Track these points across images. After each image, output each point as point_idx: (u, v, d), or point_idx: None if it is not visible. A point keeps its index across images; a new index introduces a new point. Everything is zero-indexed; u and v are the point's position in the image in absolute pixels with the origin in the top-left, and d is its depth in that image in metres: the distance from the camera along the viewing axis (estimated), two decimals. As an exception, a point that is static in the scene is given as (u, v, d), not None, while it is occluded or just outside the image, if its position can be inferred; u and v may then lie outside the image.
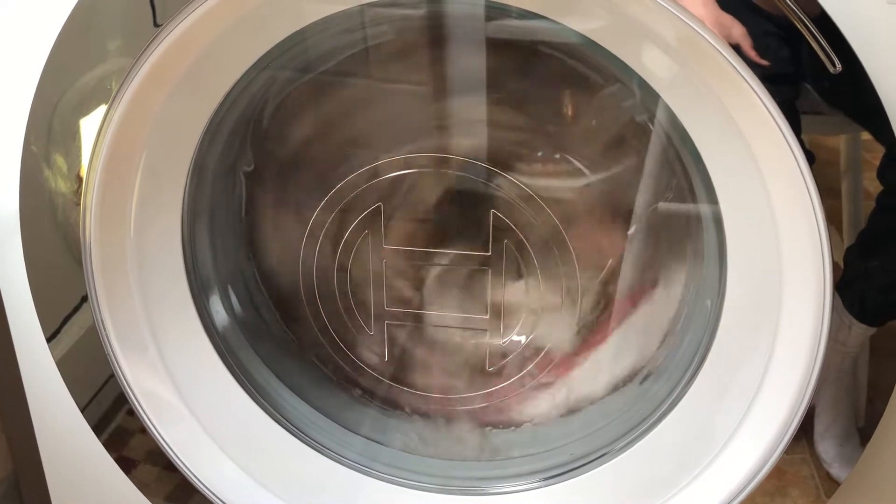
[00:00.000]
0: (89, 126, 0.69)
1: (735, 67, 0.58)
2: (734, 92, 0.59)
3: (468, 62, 0.75)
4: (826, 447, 0.68)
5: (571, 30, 0.64)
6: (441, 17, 0.73)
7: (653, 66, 0.64)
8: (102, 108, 0.67)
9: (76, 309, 0.74)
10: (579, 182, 0.79)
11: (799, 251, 0.62)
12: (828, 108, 0.64)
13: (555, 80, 0.76)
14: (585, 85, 0.75)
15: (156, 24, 0.65)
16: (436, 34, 0.74)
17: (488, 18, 0.70)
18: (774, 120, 0.59)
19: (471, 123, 0.79)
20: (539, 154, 0.79)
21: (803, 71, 0.61)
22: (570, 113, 0.80)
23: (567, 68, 0.74)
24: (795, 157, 0.60)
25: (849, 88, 0.61)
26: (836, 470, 0.69)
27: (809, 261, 0.62)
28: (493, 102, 0.78)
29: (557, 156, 0.79)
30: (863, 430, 0.68)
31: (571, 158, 0.79)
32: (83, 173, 0.70)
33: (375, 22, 0.73)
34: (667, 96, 0.65)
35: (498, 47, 0.73)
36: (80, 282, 0.72)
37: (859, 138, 0.67)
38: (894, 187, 0.62)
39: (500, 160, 0.78)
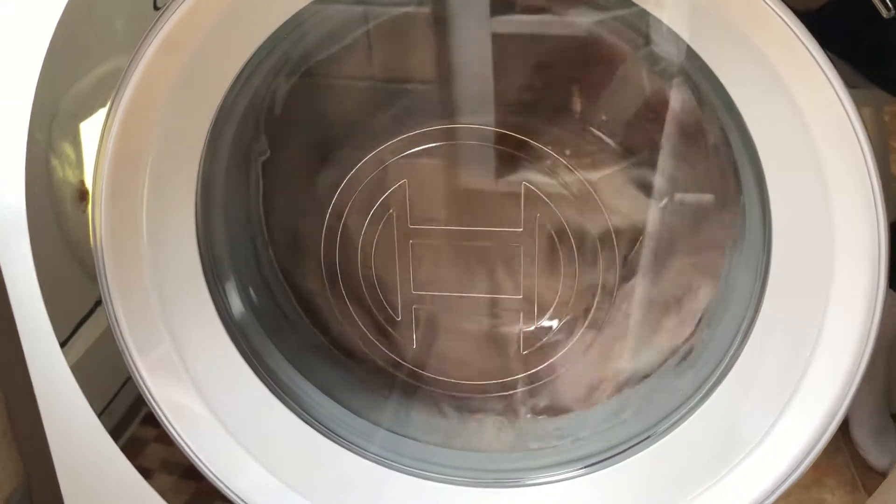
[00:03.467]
0: (93, 124, 0.67)
1: (772, 8, 0.55)
2: (774, 35, 0.56)
3: (477, 30, 0.73)
4: (861, 434, 0.67)
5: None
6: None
7: (677, 12, 0.60)
8: (106, 104, 0.66)
9: (90, 313, 0.73)
10: (613, 154, 0.77)
11: (851, 213, 0.59)
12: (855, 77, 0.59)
13: (579, 46, 0.74)
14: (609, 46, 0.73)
15: (156, 7, 0.63)
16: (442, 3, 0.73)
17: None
18: (821, 68, 0.55)
19: (490, 96, 0.77)
20: (569, 128, 0.77)
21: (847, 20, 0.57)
22: (597, 81, 0.77)
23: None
24: (846, 108, 0.56)
25: None
26: (872, 458, 0.68)
27: (863, 235, 0.58)
28: (512, 74, 0.76)
29: (587, 127, 0.77)
30: None
31: (601, 131, 0.77)
32: (85, 177, 0.69)
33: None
34: (698, 48, 0.62)
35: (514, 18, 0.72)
36: (94, 284, 0.70)
37: (882, 113, 0.62)
38: None
39: (529, 131, 0.76)
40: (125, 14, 0.65)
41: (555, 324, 0.83)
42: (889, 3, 0.54)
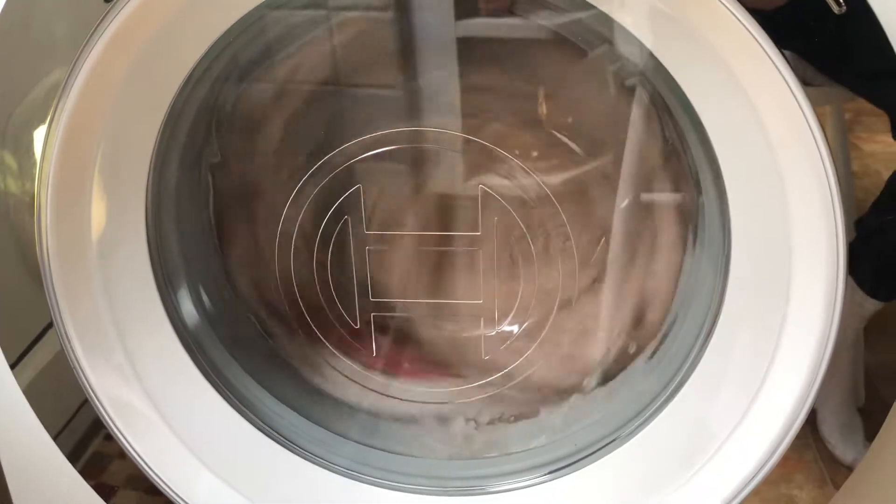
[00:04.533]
0: (39, 132, 0.65)
1: (729, 10, 0.55)
2: (731, 37, 0.56)
3: (440, 33, 0.73)
4: (829, 429, 0.68)
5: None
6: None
7: (636, 11, 0.61)
8: (49, 106, 0.64)
9: (43, 332, 0.71)
10: (574, 156, 0.77)
11: (809, 210, 0.59)
12: (814, 76, 0.60)
13: (535, 46, 0.74)
14: (569, 51, 0.72)
15: (106, 0, 0.61)
16: (403, 3, 0.72)
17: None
18: (777, 68, 0.56)
19: (448, 99, 0.76)
20: (524, 127, 0.77)
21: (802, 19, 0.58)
22: (553, 82, 0.77)
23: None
24: (801, 107, 0.56)
25: (854, 38, 0.57)
26: (839, 452, 0.68)
27: (821, 232, 0.59)
28: (469, 74, 0.75)
29: (548, 130, 0.77)
30: (869, 414, 0.68)
31: (560, 131, 0.76)
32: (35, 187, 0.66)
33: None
34: (657, 50, 0.62)
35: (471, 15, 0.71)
36: (43, 304, 0.68)
37: (842, 110, 0.64)
38: None
39: (484, 134, 0.76)
40: (67, 19, 0.63)
41: (515, 328, 0.83)
42: (840, 0, 0.55)
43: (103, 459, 0.75)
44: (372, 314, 0.83)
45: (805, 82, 0.57)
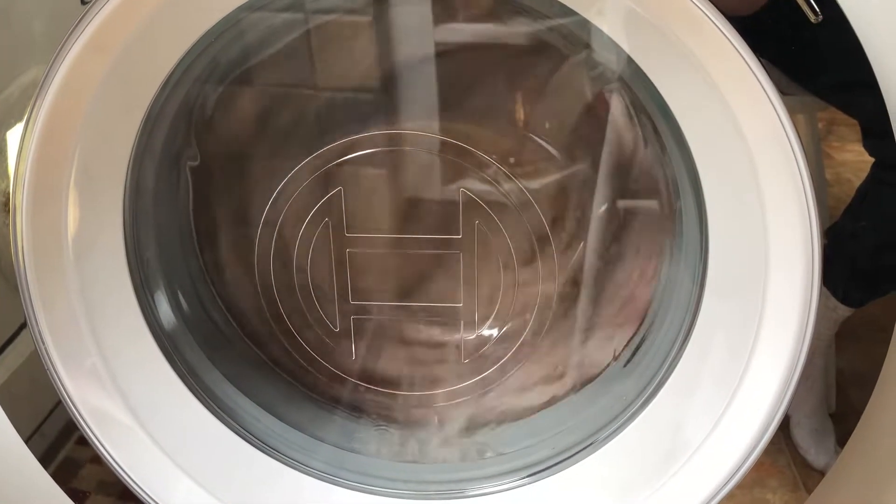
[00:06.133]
0: (13, 131, 0.65)
1: (707, 16, 0.55)
2: (708, 42, 0.57)
3: (418, 38, 0.73)
4: (802, 434, 0.69)
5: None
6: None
7: (615, 17, 0.61)
8: (24, 104, 0.63)
9: (15, 334, 0.70)
10: (553, 161, 0.77)
11: (784, 226, 0.60)
12: (788, 85, 0.61)
13: (515, 50, 0.74)
14: (548, 55, 0.73)
15: (83, 2, 0.60)
16: (381, 7, 0.72)
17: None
18: (755, 74, 0.56)
19: (426, 102, 0.76)
20: (503, 131, 0.77)
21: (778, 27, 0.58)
22: (537, 90, 0.77)
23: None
24: (778, 114, 0.57)
25: (829, 47, 0.58)
26: (811, 457, 0.69)
27: (797, 239, 0.59)
28: (447, 77, 0.75)
29: (528, 135, 0.77)
30: (840, 420, 0.69)
31: (539, 136, 0.76)
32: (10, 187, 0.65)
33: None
34: (635, 55, 0.62)
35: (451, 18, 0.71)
36: (17, 305, 0.67)
37: (815, 119, 0.65)
38: (888, 160, 0.60)
39: (462, 138, 0.76)
40: (46, 17, 0.63)
41: (495, 332, 0.83)
42: (817, 9, 0.56)
43: (74, 464, 0.74)
44: (352, 317, 0.83)
45: (779, 91, 0.58)
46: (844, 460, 0.68)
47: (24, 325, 0.68)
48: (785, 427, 0.66)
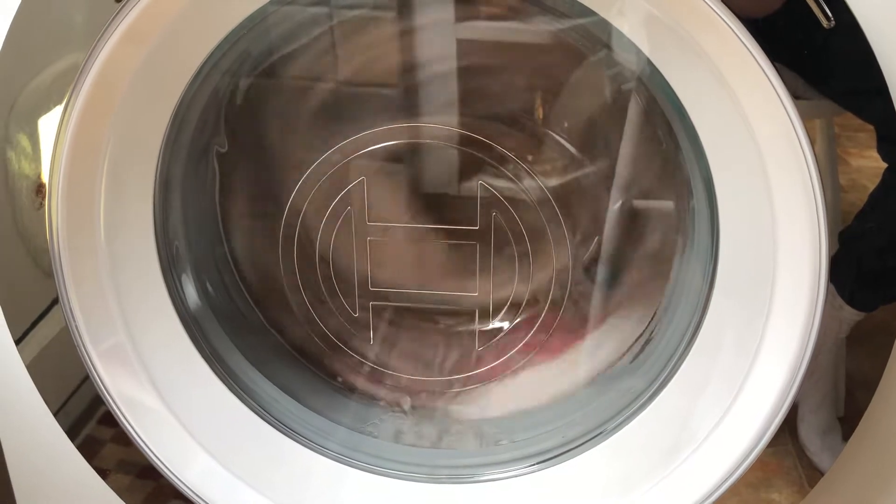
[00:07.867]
0: (51, 118, 0.66)
1: (723, 19, 0.56)
2: (724, 45, 0.57)
3: (441, 35, 0.74)
4: (809, 437, 0.69)
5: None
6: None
7: (634, 18, 0.62)
8: (64, 96, 0.65)
9: (47, 310, 0.72)
10: (571, 158, 0.78)
11: (794, 227, 0.61)
12: (806, 89, 0.62)
13: (535, 49, 0.74)
14: (568, 54, 0.73)
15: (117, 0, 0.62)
16: (405, 4, 0.72)
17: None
18: (769, 78, 0.57)
19: (448, 98, 0.77)
20: (522, 129, 0.78)
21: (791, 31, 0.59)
22: (557, 88, 0.78)
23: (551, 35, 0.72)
24: (791, 118, 0.57)
25: (841, 52, 0.58)
26: (818, 460, 0.69)
27: (805, 240, 0.60)
28: (469, 75, 0.76)
29: (547, 132, 0.78)
30: (845, 422, 0.69)
31: (557, 133, 0.77)
32: (42, 172, 0.67)
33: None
34: (653, 56, 0.63)
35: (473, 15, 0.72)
36: (49, 281, 0.69)
37: (832, 124, 0.65)
38: None
39: (483, 133, 0.76)
40: (84, 8, 0.64)
41: (508, 323, 0.84)
42: (829, 14, 0.56)
43: (96, 444, 0.76)
44: (371, 303, 0.84)
45: (796, 95, 0.58)
46: (846, 457, 0.69)
47: (53, 304, 0.70)
48: (792, 428, 0.66)
